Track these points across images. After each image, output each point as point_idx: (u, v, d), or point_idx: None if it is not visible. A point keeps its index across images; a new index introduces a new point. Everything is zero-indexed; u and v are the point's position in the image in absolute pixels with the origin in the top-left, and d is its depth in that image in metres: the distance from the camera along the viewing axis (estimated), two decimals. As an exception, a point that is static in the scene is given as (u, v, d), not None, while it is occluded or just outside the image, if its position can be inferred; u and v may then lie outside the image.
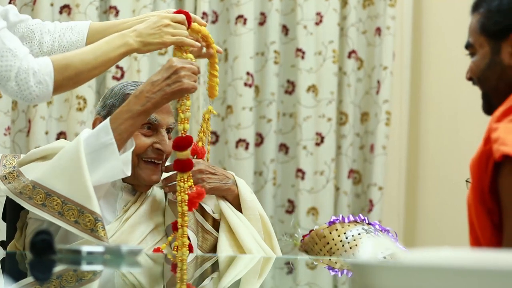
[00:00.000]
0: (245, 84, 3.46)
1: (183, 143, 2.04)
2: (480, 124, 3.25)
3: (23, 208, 2.18)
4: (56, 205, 1.97)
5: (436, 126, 3.59)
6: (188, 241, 2.04)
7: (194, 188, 2.03)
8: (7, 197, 2.27)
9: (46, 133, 3.16)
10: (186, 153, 2.04)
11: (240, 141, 3.46)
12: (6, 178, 2.09)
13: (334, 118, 3.60)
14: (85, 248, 1.54)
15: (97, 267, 1.54)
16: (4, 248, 2.20)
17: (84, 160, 1.96)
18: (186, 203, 2.02)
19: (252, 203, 2.24)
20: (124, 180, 2.17)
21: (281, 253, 2.21)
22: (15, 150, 3.18)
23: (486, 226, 1.56)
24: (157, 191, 2.26)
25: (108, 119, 2.02)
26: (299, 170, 3.57)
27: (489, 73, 1.71)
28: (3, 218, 2.29)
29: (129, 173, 2.02)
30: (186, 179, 2.04)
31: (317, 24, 3.61)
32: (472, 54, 1.75)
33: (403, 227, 3.69)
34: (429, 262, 0.89)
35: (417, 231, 3.71)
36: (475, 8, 1.73)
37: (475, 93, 3.34)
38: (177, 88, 2.00)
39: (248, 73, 3.47)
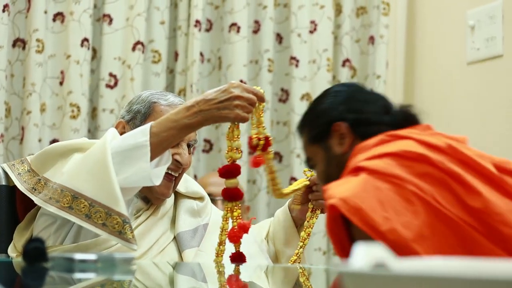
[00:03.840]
0: (239, 92, 3.47)
1: (230, 171, 1.96)
2: (473, 133, 3.27)
3: (16, 211, 2.19)
4: (83, 207, 1.92)
5: (429, 134, 3.59)
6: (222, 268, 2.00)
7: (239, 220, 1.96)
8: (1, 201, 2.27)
9: (39, 140, 3.16)
10: (235, 182, 1.96)
11: (233, 149, 3.45)
12: (35, 190, 2.06)
13: (328, 127, 3.60)
14: (78, 256, 1.54)
15: (89, 275, 1.54)
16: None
17: (111, 161, 1.92)
18: (227, 233, 1.97)
19: None
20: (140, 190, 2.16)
21: None
22: (8, 158, 3.17)
23: None
24: (167, 199, 2.26)
25: (150, 123, 1.98)
26: (293, 179, 3.56)
27: (331, 169, 1.80)
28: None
29: (157, 183, 1.98)
30: (232, 209, 1.97)
31: (311, 32, 3.62)
32: (313, 166, 1.86)
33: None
34: (421, 271, 0.89)
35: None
36: (300, 130, 1.88)
37: (468, 102, 3.36)
38: (225, 115, 1.93)
39: (241, 81, 3.47)
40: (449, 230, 1.54)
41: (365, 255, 0.94)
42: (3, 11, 3.11)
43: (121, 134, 2.26)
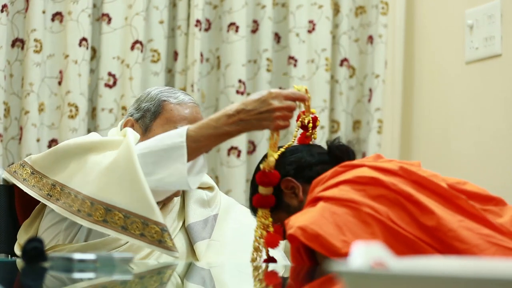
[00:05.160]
0: (237, 92, 3.47)
1: (270, 179, 1.91)
2: (472, 132, 3.27)
3: (15, 210, 2.19)
4: (118, 219, 1.88)
5: (428, 134, 3.60)
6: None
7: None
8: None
9: (38, 140, 3.15)
10: (269, 190, 1.92)
11: (232, 148, 3.45)
12: (51, 196, 2.02)
13: (327, 126, 3.60)
14: (77, 256, 1.54)
15: (88, 275, 1.54)
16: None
17: (140, 168, 1.87)
18: (264, 239, 1.93)
19: None
20: None
21: None
22: (8, 158, 3.17)
23: None
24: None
25: (187, 126, 1.94)
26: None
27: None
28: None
29: (193, 187, 1.95)
30: (266, 215, 1.92)
31: (309, 32, 3.62)
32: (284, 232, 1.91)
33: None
34: (419, 270, 0.89)
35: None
36: (254, 210, 1.96)
37: (467, 102, 3.37)
38: (265, 125, 1.89)
39: (240, 81, 3.47)
40: (406, 249, 1.59)
41: (364, 254, 0.94)
42: (2, 11, 3.11)
43: None
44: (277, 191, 1.92)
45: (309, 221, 1.61)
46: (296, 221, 1.63)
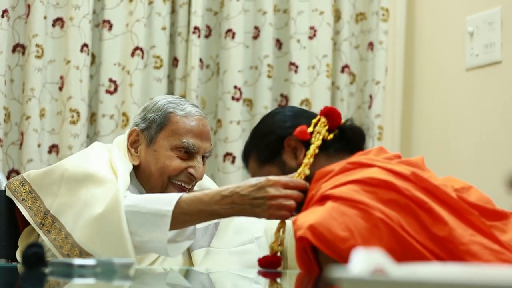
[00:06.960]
0: (233, 98, 3.46)
1: (271, 263, 1.87)
2: (472, 139, 3.27)
3: (15, 215, 2.18)
4: None
5: (428, 140, 3.60)
6: None
7: None
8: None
9: (39, 145, 3.15)
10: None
11: (227, 155, 3.45)
12: (43, 225, 2.03)
13: (326, 132, 3.60)
14: (77, 261, 1.54)
15: (88, 281, 1.54)
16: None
17: (126, 228, 1.88)
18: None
19: None
20: None
21: None
22: (8, 163, 3.17)
23: None
24: None
25: (180, 195, 1.91)
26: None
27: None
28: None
29: (173, 256, 1.94)
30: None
31: (310, 38, 3.62)
32: None
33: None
34: (419, 277, 0.89)
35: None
36: (246, 157, 1.97)
37: (467, 108, 3.36)
38: (258, 213, 1.84)
39: (236, 87, 3.47)
40: (411, 258, 1.55)
41: (364, 261, 0.94)
42: (3, 16, 3.11)
43: (134, 141, 2.25)
44: (278, 146, 1.90)
45: (317, 222, 1.57)
46: (304, 222, 1.60)
